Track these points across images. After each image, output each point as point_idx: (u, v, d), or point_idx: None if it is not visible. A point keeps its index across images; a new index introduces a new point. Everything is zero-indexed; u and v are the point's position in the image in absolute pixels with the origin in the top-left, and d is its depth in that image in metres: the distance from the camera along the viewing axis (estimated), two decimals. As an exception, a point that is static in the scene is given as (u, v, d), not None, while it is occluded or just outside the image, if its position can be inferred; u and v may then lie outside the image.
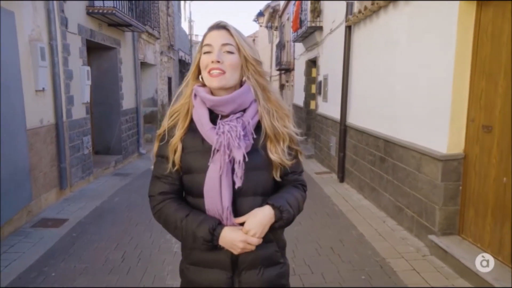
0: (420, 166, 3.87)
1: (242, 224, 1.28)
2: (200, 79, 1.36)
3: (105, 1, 6.84)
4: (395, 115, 4.58)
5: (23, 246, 3.86)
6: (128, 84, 8.71)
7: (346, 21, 6.18)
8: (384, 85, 4.90)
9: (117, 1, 6.87)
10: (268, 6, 20.77)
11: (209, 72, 1.28)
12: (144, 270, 3.38)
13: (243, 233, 1.25)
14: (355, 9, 5.97)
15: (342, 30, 6.49)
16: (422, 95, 3.93)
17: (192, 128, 1.33)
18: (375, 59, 5.26)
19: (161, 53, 12.60)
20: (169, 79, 14.21)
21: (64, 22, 5.54)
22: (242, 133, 1.26)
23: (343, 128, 6.46)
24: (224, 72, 1.27)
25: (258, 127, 1.32)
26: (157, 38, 11.53)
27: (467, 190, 3.43)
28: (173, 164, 1.33)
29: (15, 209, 4.12)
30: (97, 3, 6.71)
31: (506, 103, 2.94)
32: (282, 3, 17.21)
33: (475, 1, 3.25)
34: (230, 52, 1.28)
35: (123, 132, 8.42)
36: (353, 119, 6.22)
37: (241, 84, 1.35)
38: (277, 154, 1.32)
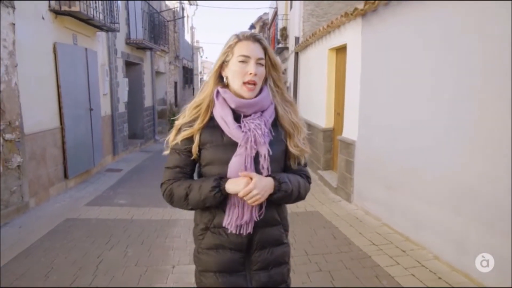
0: (317, 135, 7.20)
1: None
2: (225, 81, 1.47)
3: (129, 29, 10.17)
4: (312, 110, 7.92)
5: (105, 178, 7.22)
6: (148, 89, 12.08)
7: (294, 49, 9.52)
8: (310, 93, 8.23)
9: (137, 27, 10.24)
10: (259, 19, 24.00)
11: (244, 83, 1.41)
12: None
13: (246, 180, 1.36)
14: (301, 41, 9.31)
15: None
16: (317, 99, 7.27)
17: (210, 125, 1.46)
18: (307, 76, 8.59)
19: (170, 63, 15.95)
20: (175, 83, 17.61)
21: (115, 52, 8.88)
22: (266, 130, 1.42)
23: (294, 119, 9.79)
24: (256, 84, 1.42)
25: (274, 125, 1.48)
26: (167, 52, 14.87)
27: (334, 146, 6.76)
28: (189, 154, 1.48)
29: (98, 160, 7.47)
30: (128, 34, 10.06)
31: (340, 101, 6.26)
32: (270, 17, 20.40)
33: (335, 50, 6.56)
34: (261, 65, 1.44)
35: (145, 123, 11.78)
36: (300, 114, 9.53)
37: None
38: (296, 147, 1.49)
